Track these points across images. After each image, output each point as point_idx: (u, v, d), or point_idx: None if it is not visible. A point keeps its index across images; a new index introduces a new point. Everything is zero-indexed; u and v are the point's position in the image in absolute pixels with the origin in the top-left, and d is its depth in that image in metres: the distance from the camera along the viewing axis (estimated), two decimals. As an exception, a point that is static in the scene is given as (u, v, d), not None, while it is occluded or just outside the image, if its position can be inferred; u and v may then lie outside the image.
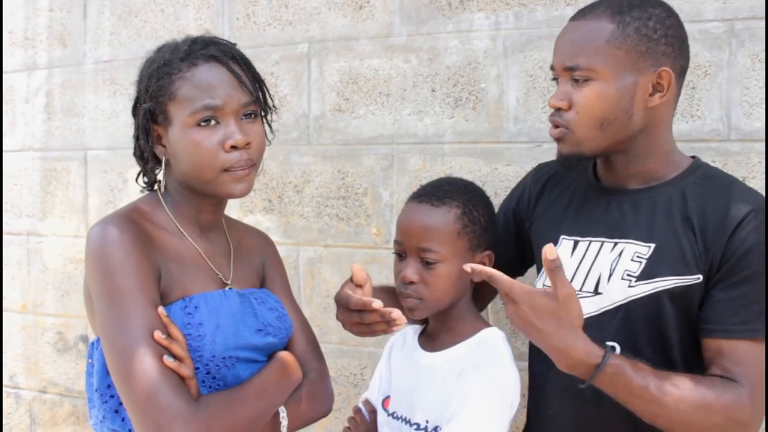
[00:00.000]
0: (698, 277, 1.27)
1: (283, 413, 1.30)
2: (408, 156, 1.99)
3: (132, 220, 1.26)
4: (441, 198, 1.45)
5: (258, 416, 1.25)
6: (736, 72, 1.67)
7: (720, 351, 1.26)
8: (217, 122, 1.25)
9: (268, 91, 1.37)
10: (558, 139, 1.36)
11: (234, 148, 1.25)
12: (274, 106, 1.40)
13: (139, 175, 1.39)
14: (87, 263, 1.23)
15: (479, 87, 1.91)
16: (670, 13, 1.33)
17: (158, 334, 1.16)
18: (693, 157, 1.41)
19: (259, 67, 2.13)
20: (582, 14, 1.34)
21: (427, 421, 1.42)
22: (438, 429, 1.40)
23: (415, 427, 1.44)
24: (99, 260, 1.20)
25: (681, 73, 1.34)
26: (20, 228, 2.56)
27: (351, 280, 1.39)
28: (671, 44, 1.30)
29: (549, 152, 1.82)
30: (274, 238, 2.14)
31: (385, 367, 1.61)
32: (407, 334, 1.59)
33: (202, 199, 1.33)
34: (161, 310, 1.20)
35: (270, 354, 1.35)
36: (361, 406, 1.60)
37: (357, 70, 2.04)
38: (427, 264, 1.42)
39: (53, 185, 2.50)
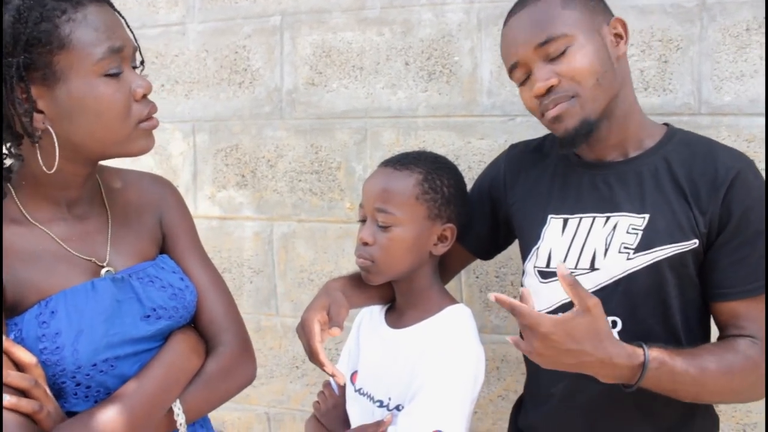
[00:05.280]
0: (694, 242, 1.28)
1: (178, 409, 1.17)
2: (381, 130, 1.98)
3: None
4: (405, 164, 1.46)
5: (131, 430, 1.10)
6: (706, 46, 1.69)
7: (735, 312, 1.28)
8: (120, 72, 1.12)
9: (138, 44, 1.22)
10: (558, 117, 1.31)
11: (144, 96, 1.14)
12: (142, 63, 1.22)
13: None
14: None
15: (453, 60, 1.90)
16: None
17: None
18: (665, 124, 1.43)
19: (231, 40, 2.12)
20: (520, 5, 1.35)
21: (389, 399, 1.43)
22: (400, 407, 1.40)
23: (378, 404, 1.45)
24: None
25: None
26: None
27: (328, 313, 1.39)
28: (603, 1, 1.38)
29: (522, 126, 1.83)
30: (247, 213, 2.14)
31: (354, 342, 1.61)
32: (374, 309, 1.59)
33: (75, 170, 1.16)
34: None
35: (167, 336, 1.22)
36: (331, 380, 1.60)
37: (330, 43, 2.02)
38: (382, 227, 1.41)
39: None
